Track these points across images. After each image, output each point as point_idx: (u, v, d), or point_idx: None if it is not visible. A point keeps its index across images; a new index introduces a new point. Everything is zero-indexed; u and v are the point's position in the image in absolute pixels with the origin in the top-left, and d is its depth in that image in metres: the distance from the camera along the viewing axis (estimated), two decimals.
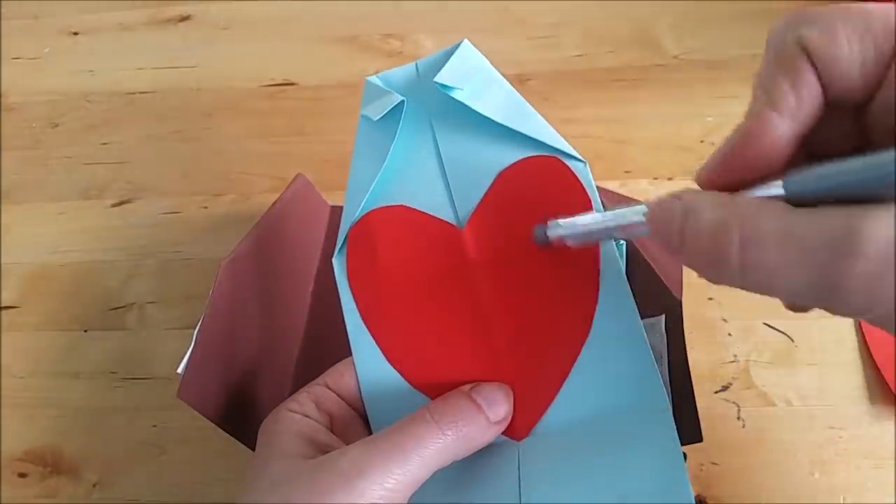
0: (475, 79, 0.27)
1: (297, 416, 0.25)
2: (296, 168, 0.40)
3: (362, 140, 0.29)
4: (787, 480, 0.33)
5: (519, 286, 0.26)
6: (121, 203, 0.46)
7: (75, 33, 0.57)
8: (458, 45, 0.28)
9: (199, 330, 0.29)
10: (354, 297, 0.27)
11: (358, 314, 0.27)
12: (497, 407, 0.24)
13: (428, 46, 0.52)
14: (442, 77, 0.26)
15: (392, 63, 0.51)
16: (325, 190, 0.43)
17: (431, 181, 0.28)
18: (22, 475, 0.37)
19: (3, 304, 0.43)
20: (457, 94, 0.27)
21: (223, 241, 0.42)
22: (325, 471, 0.22)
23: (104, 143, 0.49)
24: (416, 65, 0.29)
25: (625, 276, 0.25)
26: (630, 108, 0.47)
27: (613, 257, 0.25)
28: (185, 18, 0.56)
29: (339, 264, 0.28)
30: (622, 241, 0.28)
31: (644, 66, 0.49)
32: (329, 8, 0.55)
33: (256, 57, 0.53)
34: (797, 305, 0.20)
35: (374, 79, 0.29)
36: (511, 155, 0.27)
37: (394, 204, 0.28)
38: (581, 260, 0.26)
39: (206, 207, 0.45)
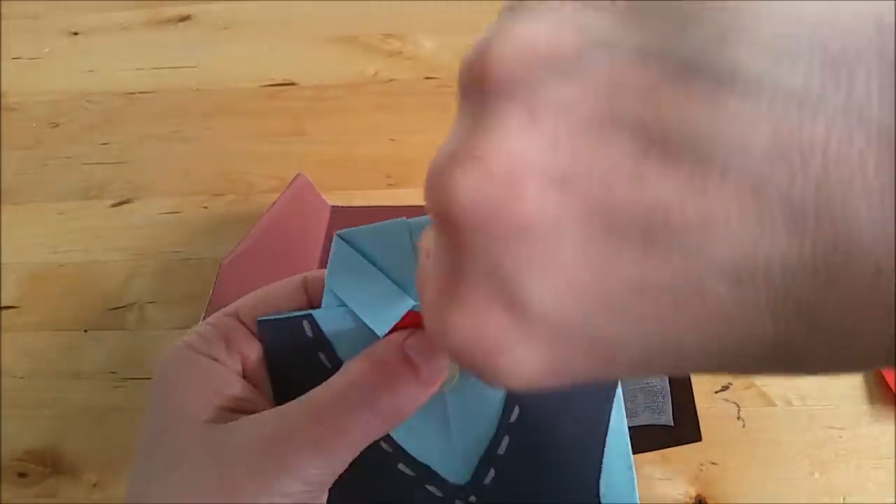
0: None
1: (204, 359, 0.19)
2: (296, 168, 0.40)
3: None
4: (786, 480, 0.33)
5: None
6: (121, 203, 0.46)
7: (75, 33, 0.57)
8: None
9: None
10: None
11: None
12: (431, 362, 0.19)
13: (428, 46, 0.52)
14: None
15: (392, 63, 0.51)
16: (325, 190, 0.43)
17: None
18: (22, 475, 0.37)
19: (3, 304, 0.43)
20: None
21: (223, 241, 0.42)
22: (233, 454, 0.17)
23: (104, 143, 0.49)
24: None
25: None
26: None
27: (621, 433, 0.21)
28: (185, 18, 0.56)
29: None
30: None
31: None
32: (329, 8, 0.55)
33: (256, 57, 0.53)
34: None
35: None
36: None
37: None
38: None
39: (206, 207, 0.45)
